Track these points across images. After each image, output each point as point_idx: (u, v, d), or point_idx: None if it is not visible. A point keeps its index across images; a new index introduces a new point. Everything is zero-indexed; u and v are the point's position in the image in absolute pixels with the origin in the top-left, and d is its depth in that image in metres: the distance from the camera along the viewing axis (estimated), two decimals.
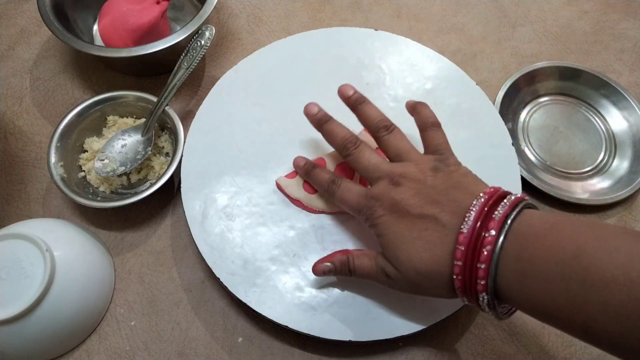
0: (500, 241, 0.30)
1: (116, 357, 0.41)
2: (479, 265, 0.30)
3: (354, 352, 0.41)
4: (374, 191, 0.36)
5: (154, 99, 0.47)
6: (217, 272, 0.40)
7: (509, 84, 0.53)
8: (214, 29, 0.48)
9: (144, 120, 0.48)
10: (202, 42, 0.47)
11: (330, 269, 0.38)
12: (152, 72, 0.53)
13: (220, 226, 0.42)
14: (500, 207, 0.31)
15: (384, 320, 0.39)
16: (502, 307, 0.32)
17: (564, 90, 0.54)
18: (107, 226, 0.46)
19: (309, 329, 0.38)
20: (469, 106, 0.48)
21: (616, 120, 0.53)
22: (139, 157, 0.46)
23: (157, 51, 0.46)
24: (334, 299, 0.39)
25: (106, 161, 0.45)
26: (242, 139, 0.46)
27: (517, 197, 0.32)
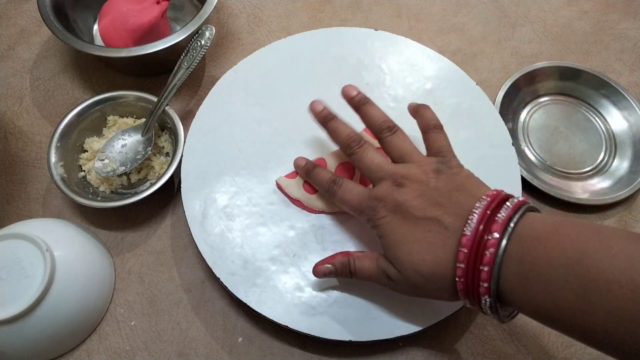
0: (503, 244, 0.30)
1: (116, 357, 0.41)
2: (482, 267, 0.30)
3: (354, 352, 0.41)
4: (377, 192, 0.36)
5: (154, 99, 0.47)
6: (217, 272, 0.40)
7: (509, 84, 0.53)
8: (214, 29, 0.48)
9: (144, 120, 0.48)
10: (202, 42, 0.47)
11: (330, 271, 0.38)
12: (152, 72, 0.53)
13: (220, 226, 0.42)
14: (503, 209, 0.31)
15: (384, 320, 0.39)
16: (504, 310, 0.32)
17: (564, 90, 0.54)
18: (107, 226, 0.46)
19: (309, 329, 0.38)
20: (469, 106, 0.48)
21: (616, 120, 0.53)
22: (139, 157, 0.46)
23: (157, 51, 0.46)
24: (334, 299, 0.39)
25: (106, 161, 0.45)
26: (242, 139, 0.46)
27: (519, 200, 0.32)
